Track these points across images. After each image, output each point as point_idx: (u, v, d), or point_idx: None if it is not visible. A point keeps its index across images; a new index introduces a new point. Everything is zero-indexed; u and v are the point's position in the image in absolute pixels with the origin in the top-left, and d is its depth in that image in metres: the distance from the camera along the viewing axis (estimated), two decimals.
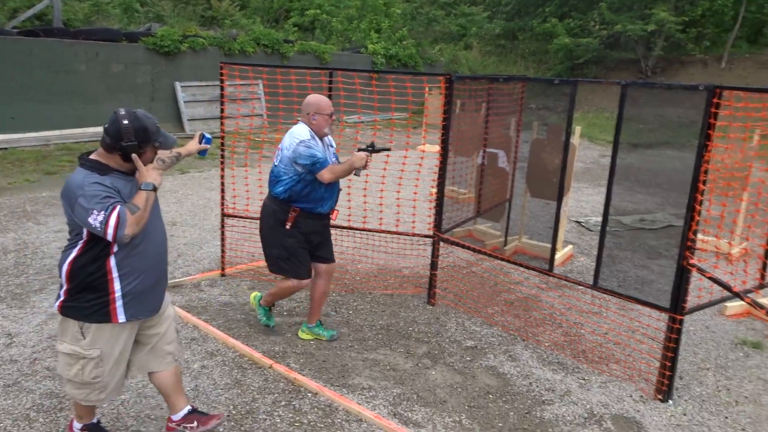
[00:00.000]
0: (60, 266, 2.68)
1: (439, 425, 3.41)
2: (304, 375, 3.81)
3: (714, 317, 5.06)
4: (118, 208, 2.48)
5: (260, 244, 4.16)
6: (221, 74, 5.08)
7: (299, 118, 3.99)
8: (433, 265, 4.95)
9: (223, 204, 5.39)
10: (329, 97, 4.31)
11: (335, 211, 4.20)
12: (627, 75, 19.75)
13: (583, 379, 3.97)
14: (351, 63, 17.55)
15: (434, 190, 4.93)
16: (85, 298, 2.65)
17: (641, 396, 3.78)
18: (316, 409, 3.48)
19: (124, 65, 12.67)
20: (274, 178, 3.99)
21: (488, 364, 4.12)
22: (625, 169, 12.53)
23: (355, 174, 3.99)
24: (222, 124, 5.33)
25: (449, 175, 7.56)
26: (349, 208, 5.70)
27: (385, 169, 5.19)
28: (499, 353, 4.27)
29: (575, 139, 5.89)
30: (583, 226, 7.81)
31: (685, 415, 3.60)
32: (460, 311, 4.95)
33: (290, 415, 3.42)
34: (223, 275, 5.44)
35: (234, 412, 3.42)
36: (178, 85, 13.49)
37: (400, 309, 4.95)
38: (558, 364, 4.17)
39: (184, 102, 13.56)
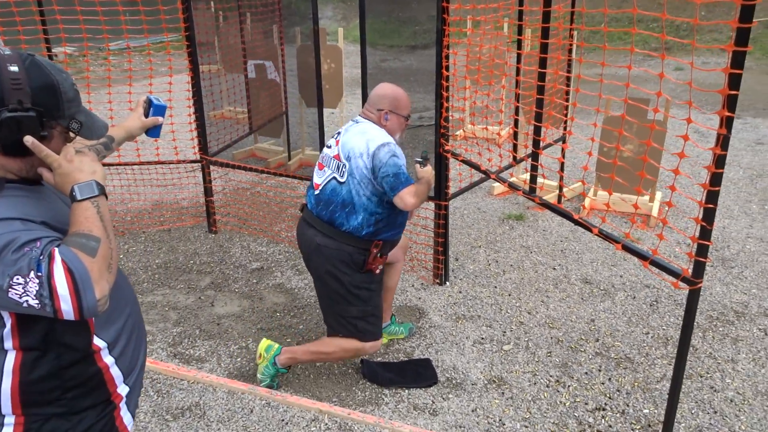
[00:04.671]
0: None
1: (224, 356, 3.23)
2: None
3: (485, 198, 5.44)
4: (57, 253, 1.24)
5: None
6: None
7: (365, 113, 2.85)
8: (207, 191, 4.60)
9: None
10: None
11: None
12: None
13: None
14: None
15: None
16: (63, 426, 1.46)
17: (422, 284, 3.95)
18: None
19: None
20: (341, 205, 2.71)
21: (275, 283, 3.99)
22: (405, 71, 12.92)
23: None
24: None
25: (226, 94, 7.10)
26: None
27: (151, 91, 4.57)
28: (286, 269, 4.16)
29: (339, 42, 5.74)
30: None
31: (460, 292, 3.83)
32: (245, 234, 4.72)
33: None
34: None
35: None
36: None
37: (179, 243, 4.58)
38: None
39: None
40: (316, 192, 2.80)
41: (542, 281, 3.96)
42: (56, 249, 1.24)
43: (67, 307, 1.23)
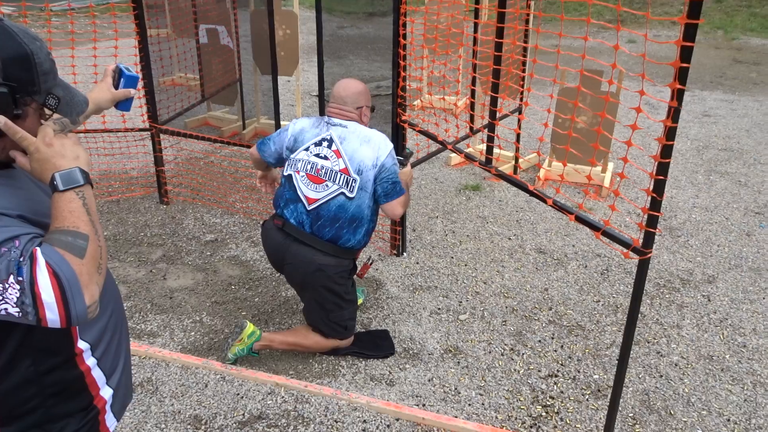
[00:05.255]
0: None
1: (177, 330, 3.17)
2: None
3: (442, 168, 5.44)
4: (40, 255, 1.09)
5: None
6: None
7: (345, 115, 2.75)
8: (158, 161, 4.46)
9: None
10: None
11: None
12: None
13: None
14: None
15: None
16: None
17: (380, 255, 3.94)
18: None
19: None
20: (349, 221, 2.66)
21: (230, 255, 3.92)
22: (362, 39, 12.73)
23: None
24: None
25: (176, 60, 6.83)
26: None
27: (96, 55, 4.35)
28: (241, 241, 4.09)
29: (295, 8, 5.59)
30: (325, 99, 7.76)
31: (417, 263, 3.85)
32: (198, 205, 4.61)
33: None
34: None
35: None
36: None
37: (129, 214, 4.44)
38: None
39: None
40: (311, 206, 2.65)
41: (498, 251, 4.00)
42: (38, 249, 1.09)
43: (52, 316, 1.09)
